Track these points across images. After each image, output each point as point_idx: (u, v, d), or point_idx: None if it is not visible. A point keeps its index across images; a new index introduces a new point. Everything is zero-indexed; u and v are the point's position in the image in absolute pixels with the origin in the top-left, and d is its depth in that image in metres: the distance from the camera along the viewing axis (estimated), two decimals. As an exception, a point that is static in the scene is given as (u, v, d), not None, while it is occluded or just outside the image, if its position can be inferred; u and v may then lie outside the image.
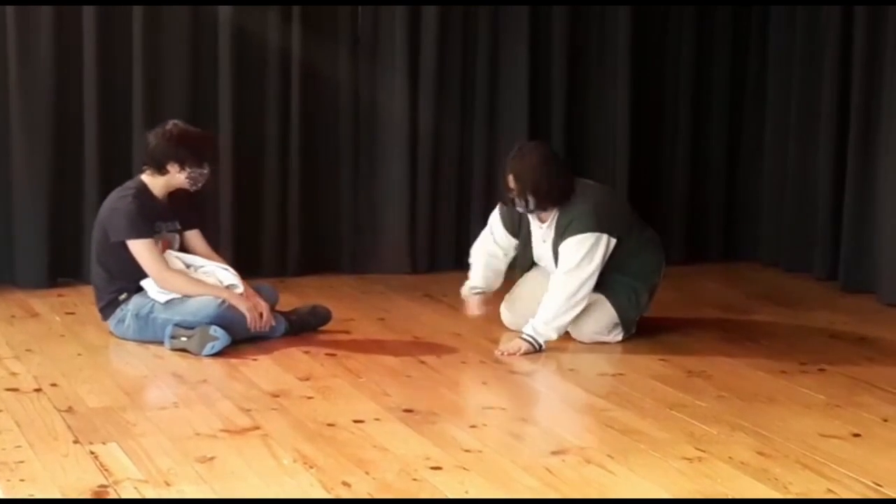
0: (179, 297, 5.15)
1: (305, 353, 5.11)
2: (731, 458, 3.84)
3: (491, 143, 7.06)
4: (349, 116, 6.87)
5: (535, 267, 5.53)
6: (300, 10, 6.65)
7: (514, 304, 5.57)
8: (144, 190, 5.27)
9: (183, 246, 5.39)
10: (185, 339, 5.05)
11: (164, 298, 5.16)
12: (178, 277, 5.18)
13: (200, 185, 5.34)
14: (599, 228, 5.17)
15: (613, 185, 6.96)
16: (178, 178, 5.26)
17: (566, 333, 5.28)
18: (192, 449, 3.84)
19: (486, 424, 4.21)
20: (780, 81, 7.19)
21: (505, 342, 5.27)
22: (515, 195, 5.22)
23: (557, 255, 5.24)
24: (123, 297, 5.24)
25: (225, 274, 5.29)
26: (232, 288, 5.22)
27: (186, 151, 5.22)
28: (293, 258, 6.81)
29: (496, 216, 5.52)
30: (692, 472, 3.72)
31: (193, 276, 5.25)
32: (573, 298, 5.16)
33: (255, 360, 4.98)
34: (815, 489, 3.60)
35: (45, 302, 6.00)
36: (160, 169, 5.25)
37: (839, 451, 3.93)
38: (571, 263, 5.15)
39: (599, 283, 5.24)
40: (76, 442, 3.90)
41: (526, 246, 5.47)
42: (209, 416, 4.20)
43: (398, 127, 6.89)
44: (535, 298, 5.30)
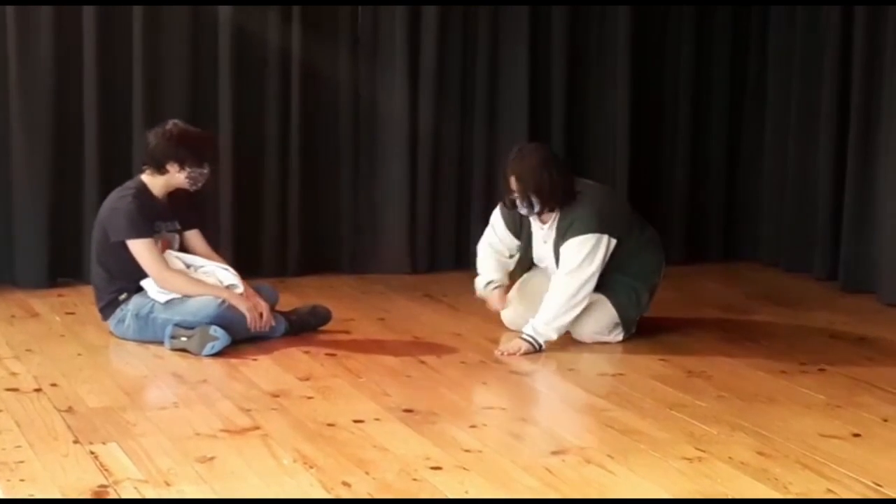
0: (179, 297, 5.15)
1: (305, 353, 5.10)
2: (731, 458, 3.84)
3: (491, 143, 7.06)
4: (349, 116, 6.87)
5: (535, 268, 5.54)
6: (300, 10, 6.65)
7: (514, 304, 5.56)
8: (144, 190, 5.27)
9: (183, 246, 5.38)
10: (185, 339, 5.05)
11: (164, 298, 5.16)
12: (178, 277, 5.18)
13: (200, 184, 5.33)
14: (600, 229, 5.18)
15: (613, 185, 6.96)
16: (177, 177, 5.26)
17: (566, 333, 5.28)
18: (192, 449, 3.84)
19: (486, 424, 4.21)
20: (780, 81, 7.19)
21: (505, 342, 5.27)
22: (518, 197, 5.21)
23: (558, 255, 5.24)
24: (123, 297, 5.25)
25: (225, 274, 5.29)
26: (232, 288, 5.22)
27: (186, 151, 5.22)
28: (293, 258, 6.81)
29: (497, 217, 5.51)
30: (692, 472, 3.72)
31: (193, 276, 5.25)
32: (574, 299, 5.16)
33: (255, 360, 4.98)
34: (815, 489, 3.60)
35: (45, 302, 6.00)
36: (160, 168, 5.25)
37: (839, 451, 3.93)
38: (573, 264, 5.16)
39: (600, 283, 5.24)
40: (76, 442, 3.90)
41: (527, 247, 5.47)
42: (209, 416, 4.20)
43: (398, 127, 6.89)
44: (535, 299, 5.30)
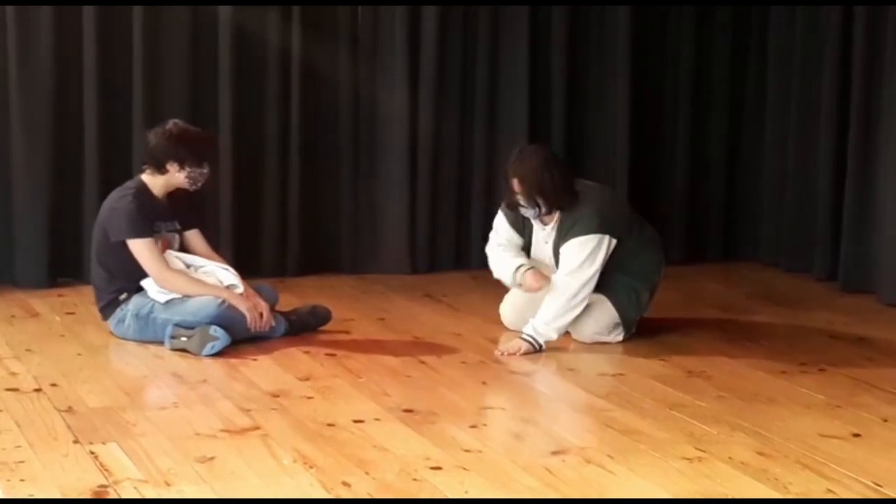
0: (179, 297, 5.15)
1: (305, 353, 5.10)
2: (731, 458, 3.84)
3: (491, 143, 7.06)
4: (349, 116, 6.87)
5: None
6: (300, 10, 6.64)
7: (514, 304, 5.56)
8: (144, 189, 5.27)
9: (183, 246, 5.38)
10: (185, 339, 5.05)
11: (164, 298, 5.16)
12: (178, 277, 5.18)
13: (200, 184, 5.33)
14: (602, 230, 5.17)
15: (613, 185, 6.96)
16: (177, 177, 5.26)
17: (566, 333, 5.28)
18: (192, 449, 3.84)
19: (486, 424, 4.22)
20: (780, 81, 7.18)
21: (504, 342, 5.27)
22: (521, 198, 5.20)
23: (558, 256, 5.24)
24: (123, 297, 5.25)
25: (225, 274, 5.29)
26: (232, 288, 5.22)
27: (186, 151, 5.22)
28: (293, 258, 6.81)
29: (501, 218, 5.46)
30: (692, 472, 3.72)
31: (193, 276, 5.25)
32: (574, 299, 5.16)
33: (255, 360, 4.98)
34: (815, 489, 3.60)
35: (45, 302, 6.00)
36: (160, 168, 5.25)
37: (839, 451, 3.93)
38: (573, 265, 5.15)
39: (600, 283, 5.23)
40: (76, 442, 3.90)
41: (527, 248, 5.46)
42: (209, 416, 4.20)
43: (398, 127, 6.88)
44: (534, 299, 5.30)
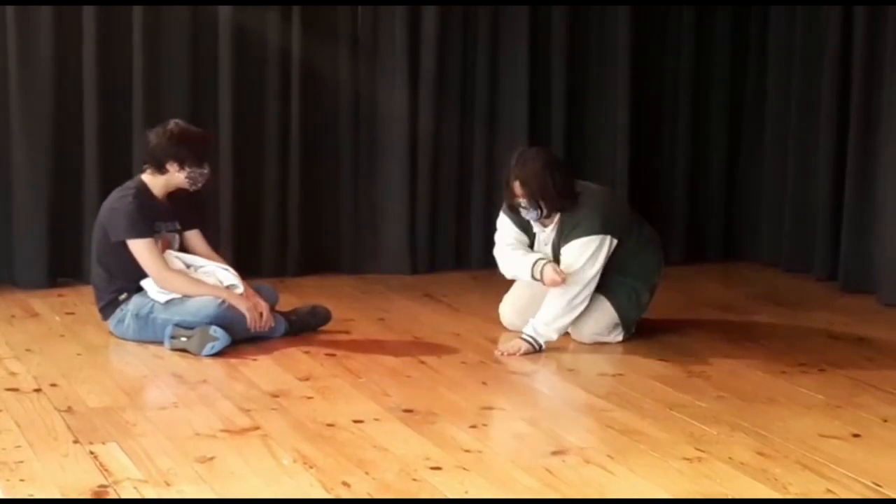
0: (179, 297, 5.15)
1: (305, 353, 5.10)
2: (730, 458, 3.84)
3: (491, 143, 7.06)
4: (349, 116, 6.87)
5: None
6: (300, 10, 6.64)
7: (513, 304, 5.56)
8: (145, 189, 5.27)
9: (183, 246, 5.38)
10: (184, 339, 5.05)
11: (163, 298, 5.16)
12: (177, 277, 5.18)
13: (200, 184, 5.33)
14: (603, 230, 5.17)
15: (613, 185, 6.96)
16: (177, 177, 5.26)
17: (566, 334, 5.28)
18: (191, 449, 3.84)
19: (486, 424, 4.22)
20: (780, 81, 7.18)
21: (504, 342, 5.27)
22: (524, 201, 5.19)
23: (558, 256, 5.24)
24: (123, 297, 5.24)
25: (225, 274, 5.28)
26: (232, 288, 5.22)
27: (186, 151, 5.22)
28: (293, 258, 6.81)
29: (504, 220, 5.42)
30: (692, 472, 3.72)
31: (193, 276, 5.25)
32: (575, 300, 5.16)
33: (255, 360, 4.98)
34: (814, 489, 3.59)
35: (45, 302, 6.00)
36: (160, 168, 5.25)
37: (839, 451, 3.93)
38: (575, 265, 5.15)
39: (600, 283, 5.23)
40: (76, 442, 3.90)
41: (531, 248, 5.44)
42: (209, 416, 4.20)
43: (398, 127, 6.88)
44: (534, 299, 5.30)
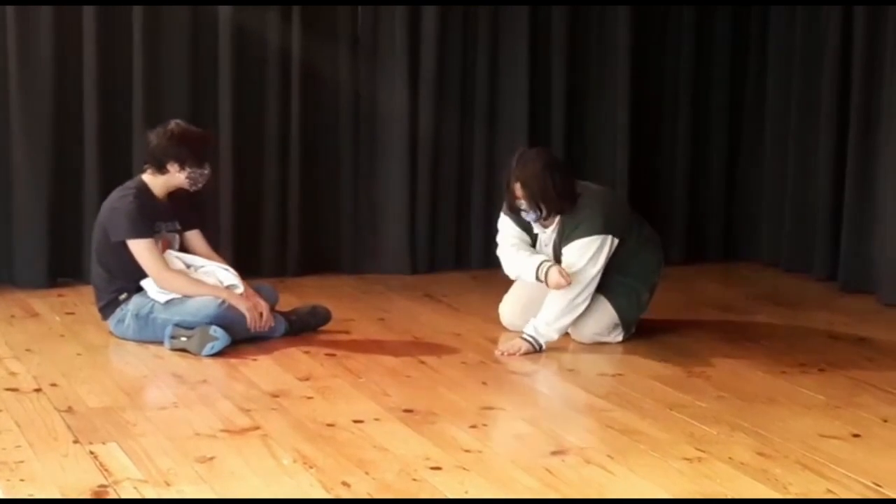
0: (179, 297, 5.15)
1: (305, 353, 5.10)
2: (731, 458, 3.84)
3: (491, 143, 7.06)
4: (349, 116, 6.87)
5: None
6: (300, 10, 6.64)
7: (513, 304, 5.56)
8: (145, 190, 5.27)
9: (183, 246, 5.38)
10: (184, 339, 5.05)
11: (164, 298, 5.16)
12: (177, 278, 5.18)
13: (201, 185, 5.33)
14: (605, 230, 5.17)
15: (613, 185, 6.96)
16: (178, 177, 5.26)
17: (566, 334, 5.28)
18: (191, 449, 3.84)
19: (486, 424, 4.22)
20: (780, 81, 7.18)
21: (504, 342, 5.27)
22: (524, 203, 5.18)
23: (559, 256, 5.23)
24: (123, 296, 5.24)
25: (225, 274, 5.28)
26: (232, 288, 5.22)
27: (187, 151, 5.22)
28: (293, 258, 6.81)
29: (506, 220, 5.40)
30: (692, 472, 3.72)
31: (193, 276, 5.25)
32: (576, 300, 5.16)
33: (255, 360, 4.98)
34: (814, 489, 3.60)
35: (45, 302, 5.99)
36: (160, 168, 5.25)
37: (839, 451, 3.93)
38: (576, 265, 5.15)
39: (600, 283, 5.23)
40: (76, 442, 3.90)
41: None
42: (209, 416, 4.20)
43: (398, 127, 6.88)
44: (534, 299, 5.30)
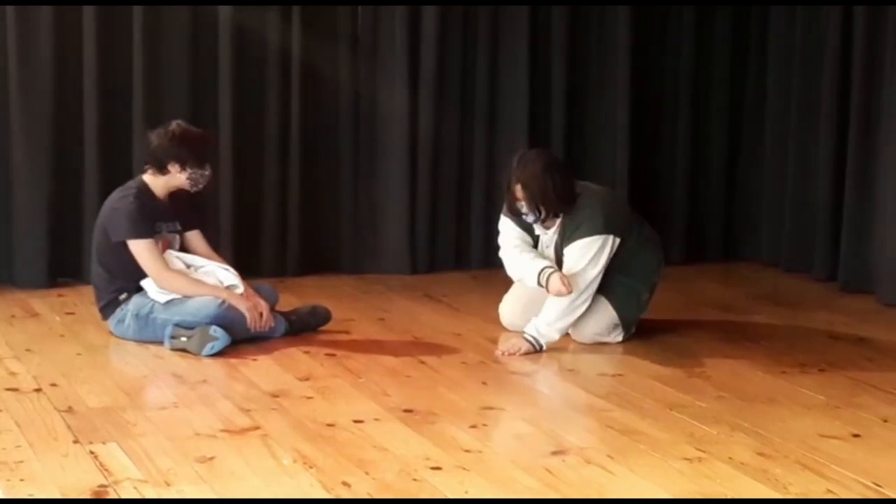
0: (179, 297, 5.15)
1: (305, 353, 5.10)
2: (731, 458, 3.84)
3: (491, 143, 7.06)
4: (349, 116, 6.87)
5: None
6: (300, 10, 6.64)
7: (513, 304, 5.55)
8: (146, 190, 5.27)
9: (183, 246, 5.38)
10: (184, 339, 5.05)
11: (164, 298, 5.16)
12: (177, 278, 5.18)
13: (201, 186, 5.33)
14: (606, 230, 5.17)
15: (613, 185, 6.96)
16: (178, 178, 5.26)
17: (566, 334, 5.28)
18: (191, 449, 3.84)
19: (486, 424, 4.22)
20: (780, 81, 7.18)
21: (503, 342, 5.27)
22: (525, 204, 5.18)
23: (560, 257, 5.23)
24: (123, 296, 5.24)
25: (225, 274, 5.28)
26: (232, 288, 5.22)
27: (188, 152, 5.22)
28: (293, 258, 6.81)
29: (507, 222, 5.39)
30: (692, 472, 3.72)
31: (193, 276, 5.25)
32: (577, 300, 5.16)
33: (255, 360, 4.98)
34: (814, 489, 3.60)
35: (45, 302, 5.99)
36: (161, 169, 5.25)
37: (839, 451, 3.93)
38: (578, 266, 5.14)
39: (600, 283, 5.23)
40: (76, 442, 3.90)
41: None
42: (209, 416, 4.20)
43: (398, 127, 6.88)
44: (534, 299, 5.29)
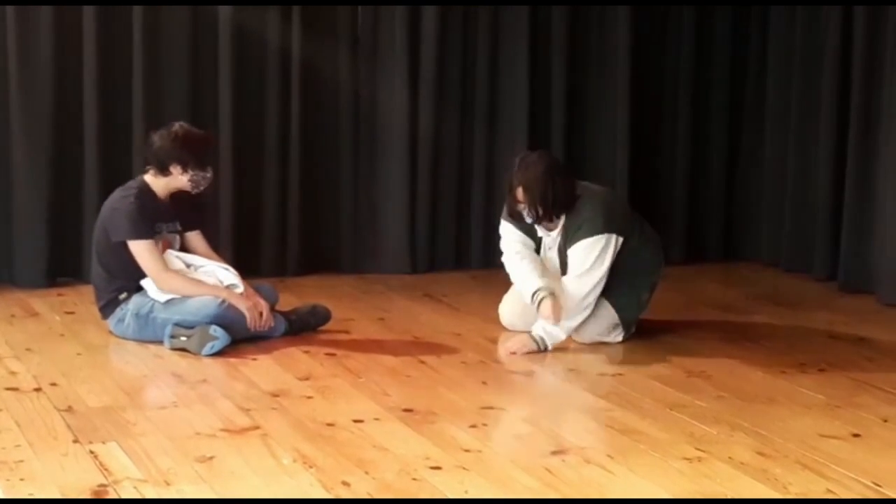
0: (179, 296, 5.15)
1: (305, 352, 5.10)
2: (731, 458, 3.84)
3: (491, 143, 7.06)
4: (349, 116, 6.87)
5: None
6: (300, 10, 6.64)
7: (513, 304, 5.55)
8: (147, 190, 5.27)
9: (183, 247, 5.38)
10: (184, 338, 5.05)
11: (164, 298, 5.16)
12: (177, 279, 5.18)
13: (202, 188, 5.33)
14: (608, 229, 5.16)
15: (613, 185, 6.96)
16: (180, 179, 5.26)
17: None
18: (191, 448, 3.84)
19: (486, 424, 4.22)
20: (780, 81, 7.18)
21: (503, 341, 5.26)
22: (526, 207, 5.18)
23: (564, 260, 5.22)
24: (123, 296, 5.24)
25: (225, 274, 5.28)
26: (232, 287, 5.22)
27: (190, 154, 5.21)
28: (293, 258, 6.81)
29: (507, 226, 5.38)
30: (692, 472, 3.72)
31: (193, 275, 5.25)
32: (585, 301, 5.15)
33: (255, 359, 4.98)
34: (814, 489, 3.60)
35: (44, 302, 6.00)
36: (163, 170, 5.25)
37: (839, 451, 3.93)
38: (584, 267, 5.14)
39: (601, 284, 5.24)
40: (76, 441, 3.90)
41: (537, 252, 5.42)
42: (209, 415, 4.20)
43: (398, 127, 6.88)
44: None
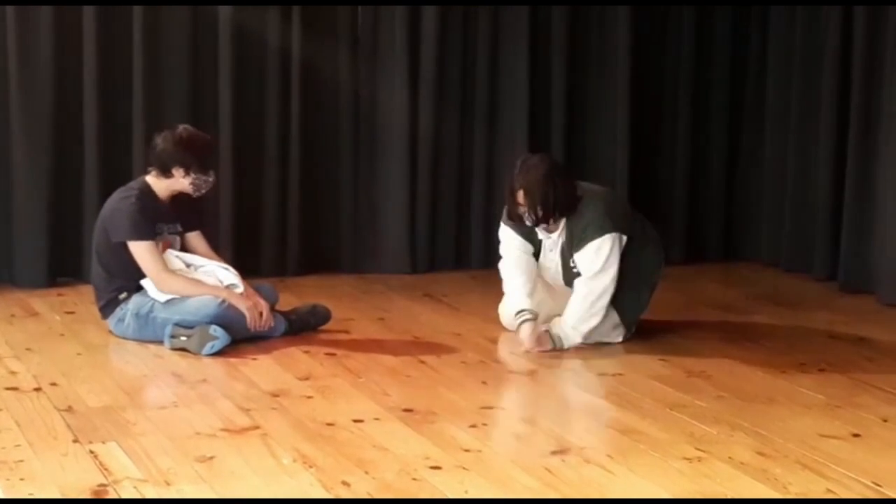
0: (179, 296, 5.15)
1: (305, 352, 5.10)
2: (730, 458, 3.84)
3: (491, 143, 7.06)
4: (349, 116, 6.87)
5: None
6: (300, 10, 6.64)
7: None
8: (148, 191, 5.27)
9: (184, 247, 5.38)
10: (184, 338, 5.05)
11: (163, 298, 5.16)
12: (177, 279, 5.18)
13: (204, 191, 5.34)
14: (614, 229, 5.15)
15: (614, 185, 6.96)
16: (182, 182, 5.26)
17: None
18: (191, 448, 3.84)
19: (486, 424, 4.22)
20: (780, 81, 7.18)
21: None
22: (527, 210, 5.17)
23: (567, 262, 5.22)
24: (123, 296, 5.25)
25: (225, 273, 5.29)
26: (232, 287, 5.22)
27: (193, 157, 5.21)
28: (293, 258, 6.81)
29: (506, 230, 5.37)
30: (692, 472, 3.72)
31: (193, 275, 5.25)
32: (598, 302, 5.15)
33: (255, 359, 4.98)
34: (814, 489, 3.60)
35: (44, 301, 6.00)
36: (165, 172, 5.25)
37: (839, 451, 3.93)
38: (595, 268, 5.13)
39: (599, 283, 5.23)
40: (76, 441, 3.90)
41: (537, 254, 5.41)
42: (209, 415, 4.21)
43: (398, 127, 6.88)
44: (535, 301, 5.28)
